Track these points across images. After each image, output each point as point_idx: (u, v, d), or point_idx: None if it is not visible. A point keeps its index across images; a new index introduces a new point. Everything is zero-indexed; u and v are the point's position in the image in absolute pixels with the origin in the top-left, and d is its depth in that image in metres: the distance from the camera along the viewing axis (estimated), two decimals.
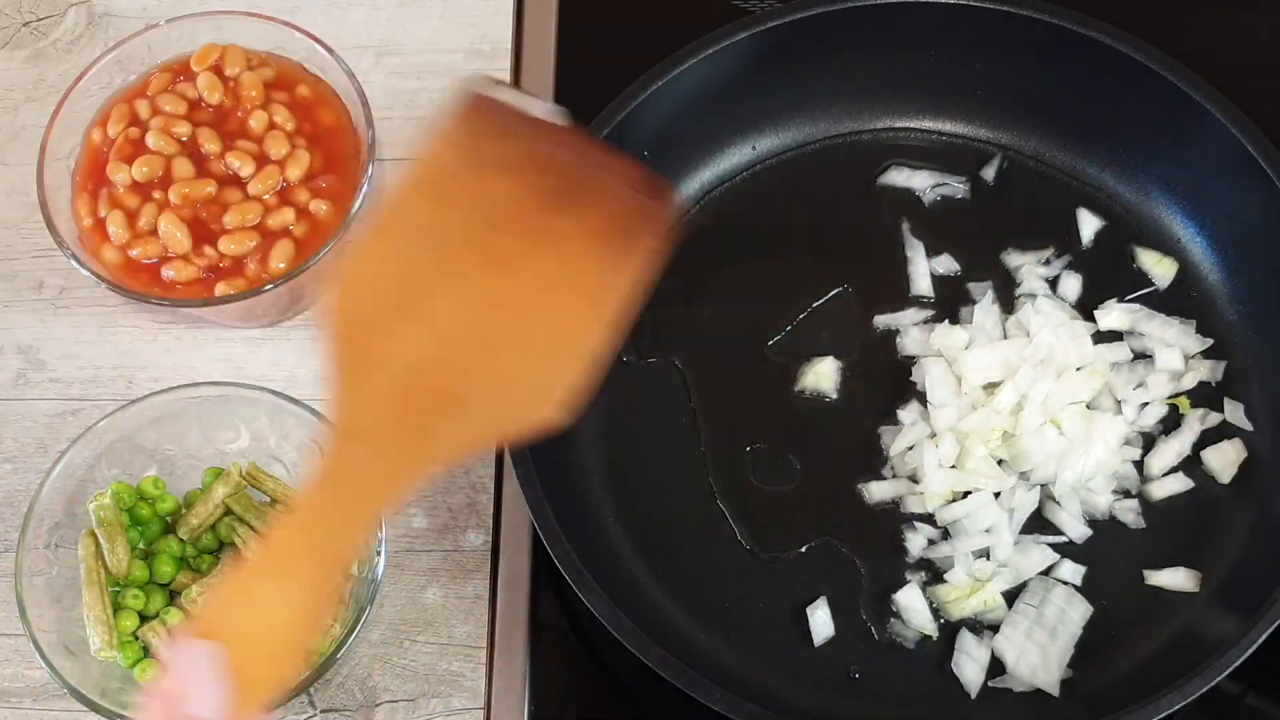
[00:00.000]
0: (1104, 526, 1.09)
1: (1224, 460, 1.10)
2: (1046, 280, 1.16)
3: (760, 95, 1.20)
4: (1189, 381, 1.12)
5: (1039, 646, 1.04)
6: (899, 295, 1.17)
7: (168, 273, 1.11)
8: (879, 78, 1.21)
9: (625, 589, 1.07)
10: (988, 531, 1.08)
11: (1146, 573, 1.08)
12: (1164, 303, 1.16)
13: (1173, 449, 1.10)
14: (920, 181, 1.21)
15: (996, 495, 1.08)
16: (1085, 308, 1.15)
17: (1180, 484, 1.10)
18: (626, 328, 0.64)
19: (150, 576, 1.06)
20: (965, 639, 1.06)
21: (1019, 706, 1.04)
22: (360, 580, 1.05)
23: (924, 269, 1.17)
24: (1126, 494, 1.10)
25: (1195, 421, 1.11)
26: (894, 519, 1.10)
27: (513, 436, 0.72)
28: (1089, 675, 1.05)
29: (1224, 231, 1.15)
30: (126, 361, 1.20)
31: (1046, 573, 1.07)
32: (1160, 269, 1.16)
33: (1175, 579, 1.07)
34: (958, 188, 1.21)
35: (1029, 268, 1.16)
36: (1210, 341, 1.14)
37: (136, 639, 1.05)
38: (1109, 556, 1.08)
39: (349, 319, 0.66)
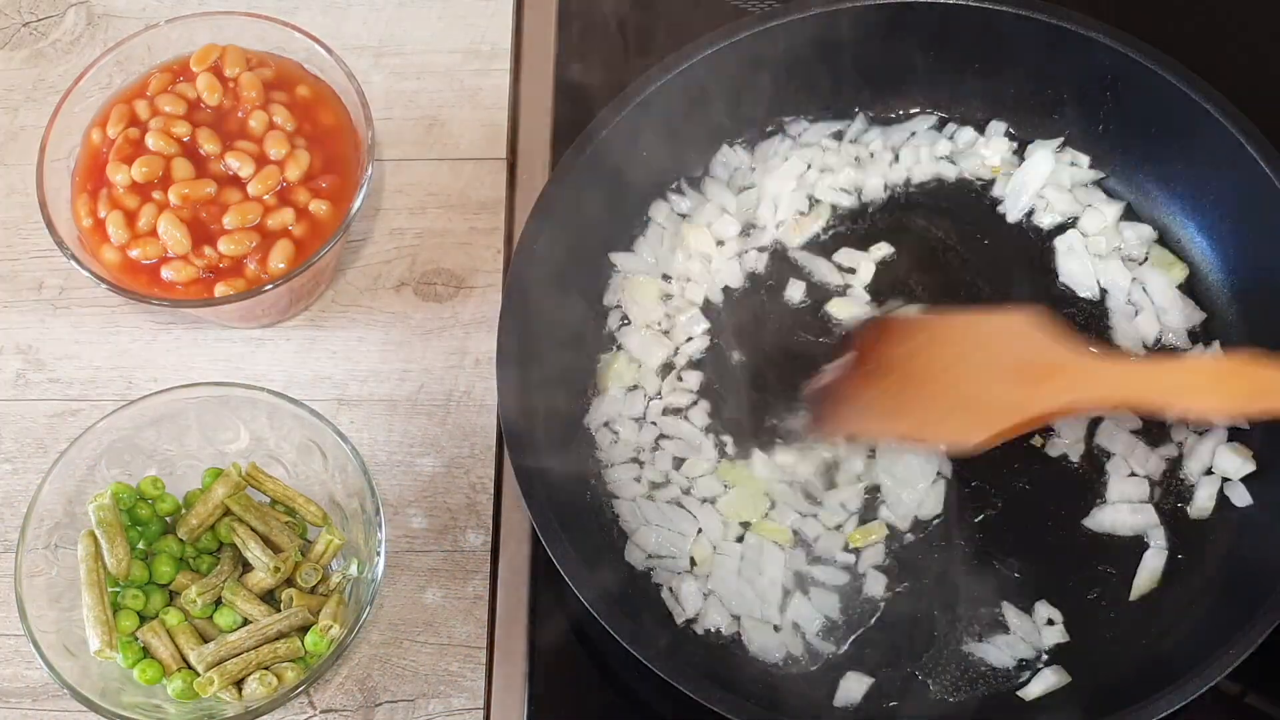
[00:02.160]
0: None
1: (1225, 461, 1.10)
2: None
3: (760, 95, 1.20)
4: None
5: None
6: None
7: (168, 273, 1.11)
8: (878, 78, 1.21)
9: (624, 589, 1.07)
10: None
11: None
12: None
13: (1206, 449, 1.11)
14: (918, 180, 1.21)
15: None
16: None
17: (1213, 485, 1.10)
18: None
19: (150, 577, 1.06)
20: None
21: (1019, 707, 1.04)
22: (360, 580, 1.06)
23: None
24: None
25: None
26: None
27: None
28: (1089, 675, 1.05)
29: (1224, 231, 1.15)
30: (126, 361, 1.20)
31: None
32: (1173, 274, 1.16)
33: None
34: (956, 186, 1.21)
35: None
36: (1202, 316, 1.15)
37: (136, 639, 1.05)
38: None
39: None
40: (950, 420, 1.01)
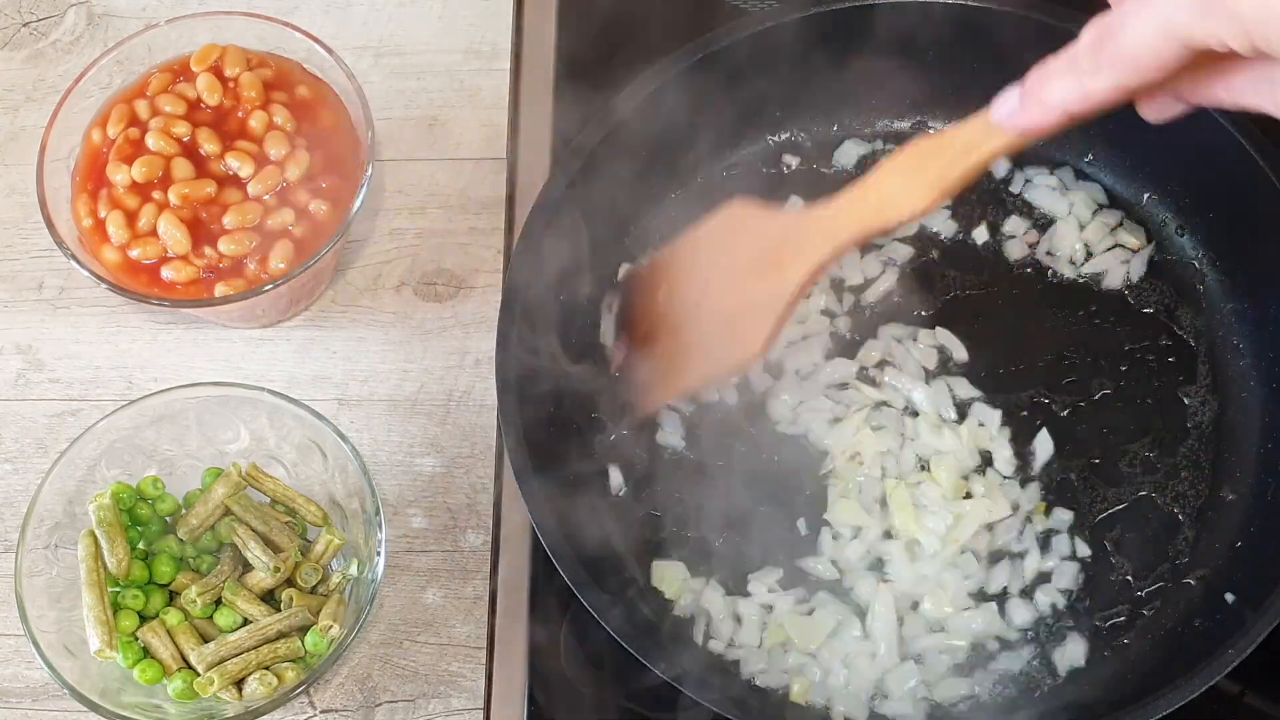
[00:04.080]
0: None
1: None
2: None
3: (759, 95, 1.20)
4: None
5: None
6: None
7: (167, 273, 1.11)
8: (877, 78, 1.20)
9: (625, 589, 1.07)
10: None
11: None
12: (1160, 302, 1.16)
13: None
14: None
15: None
16: None
17: None
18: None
19: (150, 577, 1.07)
20: None
21: (1015, 709, 1.04)
22: (360, 580, 1.06)
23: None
24: None
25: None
26: None
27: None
28: (1089, 675, 1.05)
29: (1223, 231, 1.16)
30: (126, 361, 1.20)
31: None
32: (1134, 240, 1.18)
33: None
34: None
35: None
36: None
37: (136, 639, 1.05)
38: (1108, 556, 1.09)
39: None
40: (729, 343, 1.01)
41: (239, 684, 1.03)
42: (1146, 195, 1.19)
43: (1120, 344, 1.15)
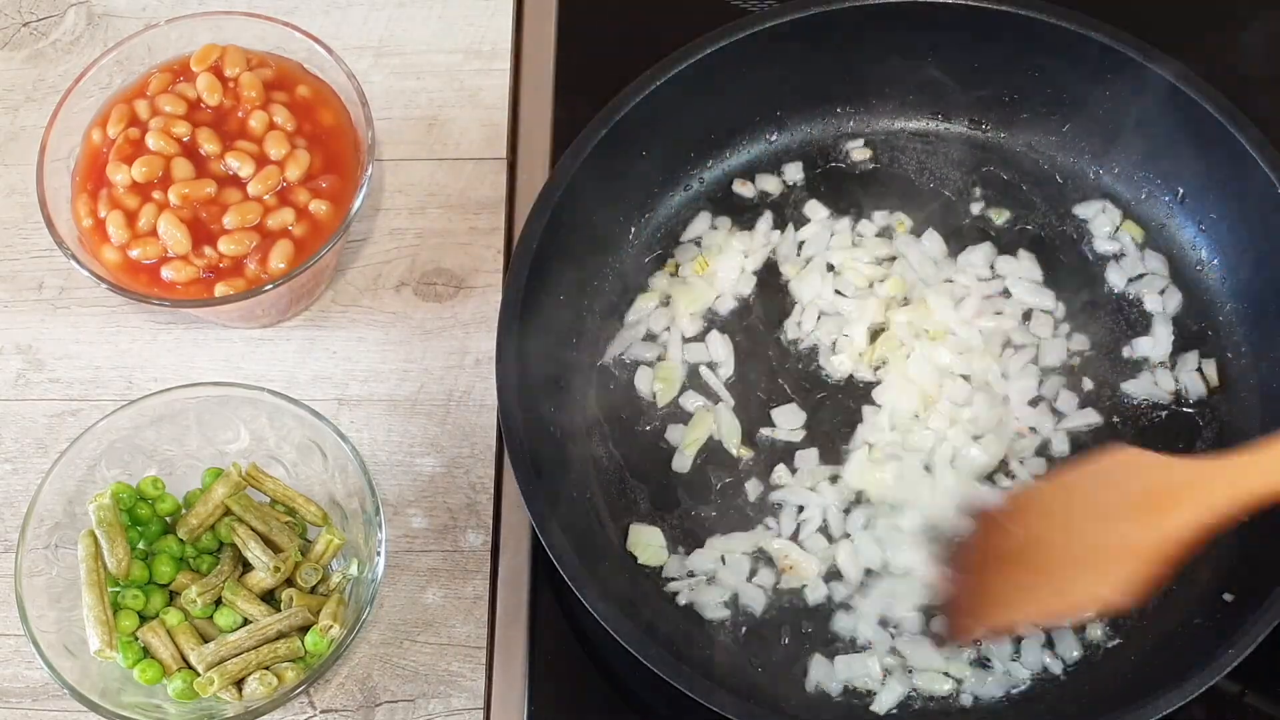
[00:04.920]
0: None
1: None
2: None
3: (759, 96, 1.20)
4: (1184, 382, 1.13)
5: None
6: None
7: (167, 273, 1.11)
8: (878, 78, 1.21)
9: (624, 589, 1.07)
10: None
11: None
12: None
13: None
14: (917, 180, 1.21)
15: None
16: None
17: None
18: None
19: (150, 577, 1.07)
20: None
21: (1014, 709, 1.05)
22: (360, 580, 1.06)
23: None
24: None
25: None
26: None
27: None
28: (1089, 675, 1.05)
29: (1224, 231, 1.16)
30: (126, 361, 1.20)
31: None
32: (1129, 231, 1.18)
33: None
34: (954, 186, 1.21)
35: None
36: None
37: (136, 639, 1.05)
38: None
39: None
40: (1089, 581, 0.95)
41: (239, 684, 1.03)
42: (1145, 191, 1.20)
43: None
